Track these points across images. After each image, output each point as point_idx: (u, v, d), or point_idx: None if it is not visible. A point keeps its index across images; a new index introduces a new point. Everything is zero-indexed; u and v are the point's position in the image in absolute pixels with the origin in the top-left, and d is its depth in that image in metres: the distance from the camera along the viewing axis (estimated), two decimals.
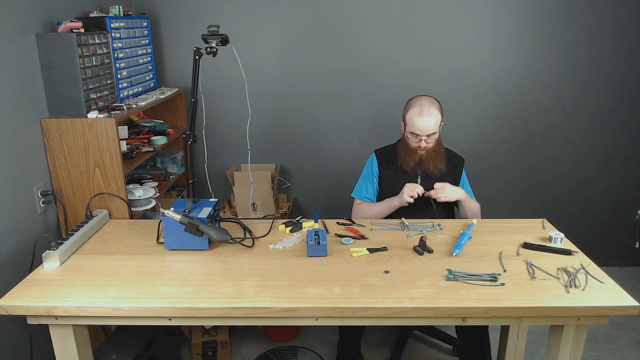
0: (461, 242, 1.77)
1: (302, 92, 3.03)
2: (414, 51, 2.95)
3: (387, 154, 2.25)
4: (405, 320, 1.47)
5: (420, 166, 2.14)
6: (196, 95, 1.86)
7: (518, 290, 1.48)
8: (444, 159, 2.15)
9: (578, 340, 1.50)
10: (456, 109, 3.04)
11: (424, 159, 2.13)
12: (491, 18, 2.89)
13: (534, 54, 2.94)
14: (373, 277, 1.57)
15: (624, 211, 3.25)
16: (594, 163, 3.16)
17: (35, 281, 1.57)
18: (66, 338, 1.52)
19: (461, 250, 1.74)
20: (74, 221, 2.10)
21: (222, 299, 1.46)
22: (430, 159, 2.12)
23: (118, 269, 1.64)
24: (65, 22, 1.99)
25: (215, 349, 2.42)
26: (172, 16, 2.90)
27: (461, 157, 2.28)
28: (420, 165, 2.14)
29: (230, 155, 3.12)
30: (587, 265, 1.64)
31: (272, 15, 2.90)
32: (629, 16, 2.86)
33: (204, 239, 1.76)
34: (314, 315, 1.45)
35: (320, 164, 3.18)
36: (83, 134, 2.00)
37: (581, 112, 3.06)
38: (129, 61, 2.42)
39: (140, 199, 2.26)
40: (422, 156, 2.12)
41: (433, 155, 2.12)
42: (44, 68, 1.98)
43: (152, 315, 1.46)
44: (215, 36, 1.82)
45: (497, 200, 3.21)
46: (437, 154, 2.13)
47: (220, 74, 2.94)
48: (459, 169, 2.24)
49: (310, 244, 1.71)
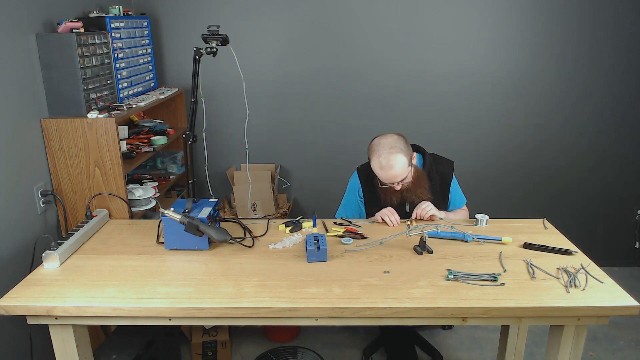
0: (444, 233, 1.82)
1: (303, 92, 3.04)
2: (414, 51, 2.96)
3: (370, 172, 2.08)
4: (405, 320, 1.46)
5: (405, 200, 2.07)
6: (196, 95, 1.86)
7: (518, 290, 1.48)
8: (426, 184, 2.07)
9: (578, 340, 1.50)
10: (456, 109, 3.04)
11: (405, 193, 2.05)
12: (491, 18, 2.89)
13: (534, 54, 2.95)
14: (373, 277, 1.57)
15: (624, 211, 3.25)
16: (594, 163, 3.16)
17: (35, 281, 1.57)
18: (66, 338, 1.52)
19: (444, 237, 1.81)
20: (74, 221, 2.10)
21: (222, 299, 1.46)
22: (412, 192, 2.04)
23: (118, 269, 1.64)
24: (65, 22, 1.99)
25: (215, 349, 2.42)
26: (172, 16, 2.90)
27: (450, 160, 2.19)
28: (404, 199, 2.06)
29: (230, 155, 3.12)
30: (587, 265, 1.64)
31: (272, 15, 2.90)
32: (629, 16, 2.86)
33: (204, 239, 1.76)
34: (314, 315, 1.45)
35: (320, 164, 3.18)
36: (83, 134, 2.00)
37: (581, 111, 3.06)
38: (129, 61, 2.42)
39: (140, 199, 2.26)
40: (402, 192, 2.04)
41: (414, 187, 2.04)
42: (44, 68, 1.98)
43: (152, 315, 1.46)
44: (215, 36, 1.82)
45: (497, 200, 3.22)
46: (418, 183, 2.05)
47: (220, 74, 2.94)
48: (448, 177, 2.16)
49: (310, 249, 1.68)
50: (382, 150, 1.94)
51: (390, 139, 1.97)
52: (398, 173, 1.94)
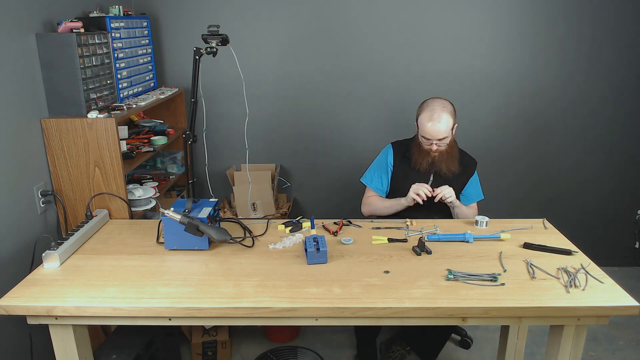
0: (444, 236, 1.82)
1: (303, 92, 3.03)
2: (414, 51, 2.95)
3: (403, 148, 2.27)
4: (405, 320, 1.46)
5: (433, 167, 2.17)
6: (196, 95, 1.86)
7: (518, 290, 1.48)
8: (456, 161, 2.18)
9: (578, 340, 1.50)
10: (456, 109, 3.04)
11: (437, 160, 2.16)
12: (491, 18, 2.89)
13: (535, 54, 2.94)
14: (373, 277, 1.57)
15: (624, 211, 3.25)
16: (594, 163, 3.16)
17: (35, 281, 1.57)
18: (66, 338, 1.52)
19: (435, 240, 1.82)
20: (74, 221, 2.10)
21: (222, 299, 1.46)
22: (443, 161, 2.15)
23: (118, 269, 1.64)
24: (65, 22, 1.99)
25: (215, 349, 2.42)
26: (172, 16, 2.90)
27: (474, 159, 2.31)
28: (433, 166, 2.17)
29: (230, 155, 3.12)
30: (587, 265, 1.64)
31: (272, 16, 2.90)
32: (629, 16, 2.86)
33: (204, 239, 1.76)
34: (314, 315, 1.45)
35: (320, 164, 3.18)
36: (83, 134, 2.00)
37: (581, 111, 3.06)
38: (129, 61, 2.42)
39: (140, 199, 2.26)
40: (434, 157, 2.15)
41: (446, 157, 2.15)
42: (44, 68, 1.98)
43: (152, 315, 1.46)
44: (215, 36, 1.82)
45: (497, 199, 3.21)
46: (449, 156, 2.16)
47: (220, 74, 2.94)
48: (470, 170, 2.27)
49: (310, 251, 1.67)
50: (436, 106, 2.10)
51: (443, 100, 2.13)
52: (443, 129, 2.06)
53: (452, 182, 2.15)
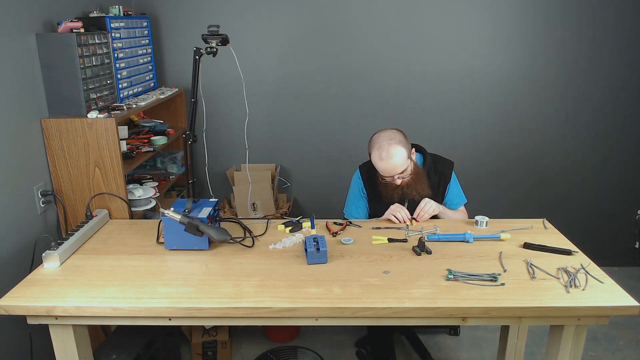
0: (444, 236, 1.82)
1: (303, 92, 3.04)
2: (414, 51, 2.95)
3: (372, 169, 2.13)
4: (405, 320, 1.46)
5: (405, 196, 2.08)
6: (196, 95, 1.86)
7: (518, 290, 1.48)
8: (426, 181, 2.10)
9: (578, 340, 1.50)
10: (456, 109, 3.04)
11: (406, 189, 2.06)
12: (491, 18, 2.89)
13: (535, 54, 2.94)
14: (373, 277, 1.57)
15: (624, 211, 3.25)
16: (594, 163, 3.16)
17: (35, 281, 1.57)
18: (66, 338, 1.52)
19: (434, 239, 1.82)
20: (74, 221, 2.10)
21: (222, 299, 1.46)
22: (412, 188, 2.06)
23: (118, 269, 1.64)
24: (65, 22, 1.99)
25: (215, 349, 2.42)
26: (172, 16, 2.90)
27: (450, 161, 2.21)
28: (405, 195, 2.08)
29: (230, 155, 3.12)
30: (587, 265, 1.64)
31: (272, 16, 2.90)
32: (629, 16, 2.86)
33: (204, 239, 1.76)
34: (314, 315, 1.45)
35: (320, 164, 3.18)
36: (83, 134, 2.00)
37: (581, 112, 3.06)
38: (129, 61, 2.42)
39: (140, 199, 2.26)
40: (403, 187, 2.06)
41: (414, 183, 2.06)
42: (44, 68, 1.98)
43: (152, 315, 1.46)
44: (215, 36, 1.82)
45: (497, 200, 3.22)
46: (417, 180, 2.07)
47: (220, 74, 2.94)
48: (447, 176, 2.18)
49: (310, 251, 1.67)
50: (382, 142, 1.99)
51: (389, 132, 2.03)
52: (398, 164, 1.97)
53: (432, 196, 2.09)
